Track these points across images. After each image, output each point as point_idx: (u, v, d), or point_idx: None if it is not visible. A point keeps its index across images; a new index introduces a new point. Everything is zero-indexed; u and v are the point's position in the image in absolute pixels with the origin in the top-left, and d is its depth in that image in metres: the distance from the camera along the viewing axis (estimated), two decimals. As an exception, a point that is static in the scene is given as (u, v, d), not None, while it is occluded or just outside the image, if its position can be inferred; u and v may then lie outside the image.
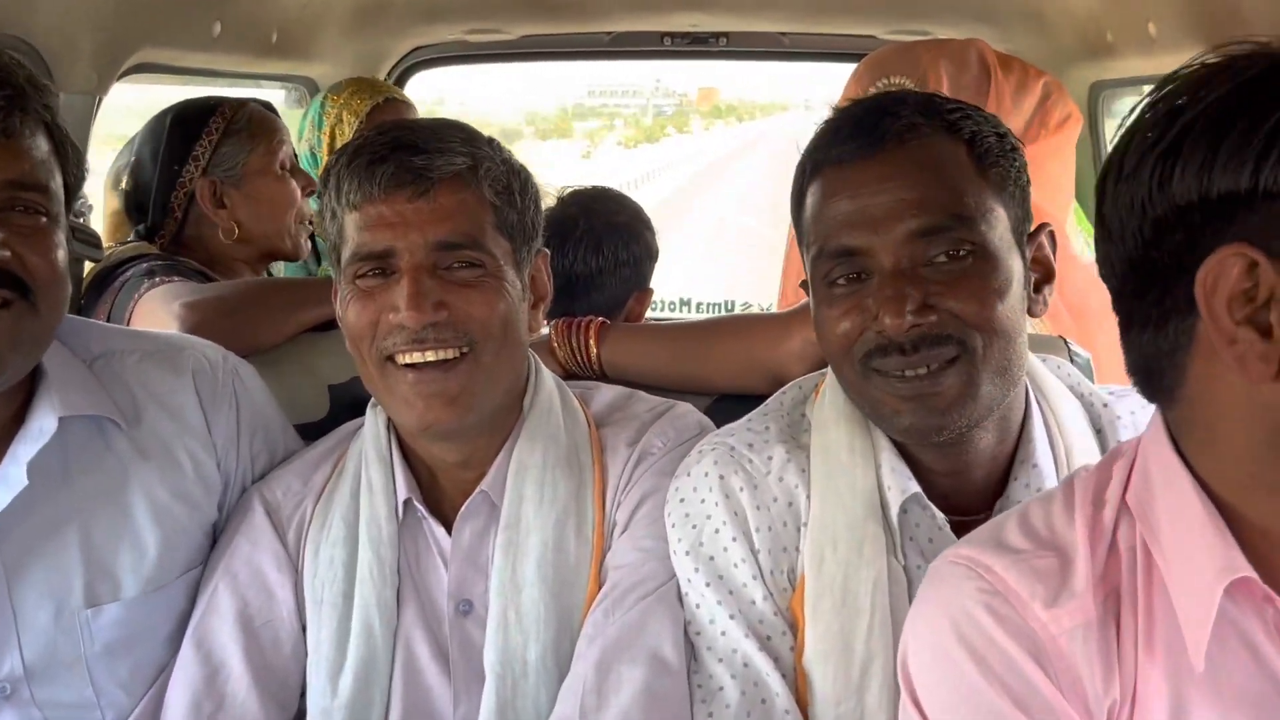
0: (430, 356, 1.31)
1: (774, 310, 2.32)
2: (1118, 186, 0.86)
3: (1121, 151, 0.87)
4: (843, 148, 1.22)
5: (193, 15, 2.20)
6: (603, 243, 2.16)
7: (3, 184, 1.20)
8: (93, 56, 1.93)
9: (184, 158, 2.07)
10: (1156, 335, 0.87)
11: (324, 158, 2.57)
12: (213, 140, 2.08)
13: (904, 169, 1.19)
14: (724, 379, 1.84)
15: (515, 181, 1.39)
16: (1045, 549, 0.95)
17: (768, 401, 1.46)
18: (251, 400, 1.53)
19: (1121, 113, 2.86)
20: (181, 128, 2.08)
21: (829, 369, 1.37)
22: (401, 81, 3.32)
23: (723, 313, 3.73)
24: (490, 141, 1.40)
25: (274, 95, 3.08)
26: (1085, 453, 1.29)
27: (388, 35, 3.12)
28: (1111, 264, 0.90)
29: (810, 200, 1.26)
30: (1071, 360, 1.67)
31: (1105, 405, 1.36)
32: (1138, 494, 0.94)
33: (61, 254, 1.27)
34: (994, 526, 1.01)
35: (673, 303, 3.88)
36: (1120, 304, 0.91)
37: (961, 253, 1.17)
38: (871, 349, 1.20)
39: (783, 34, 3.23)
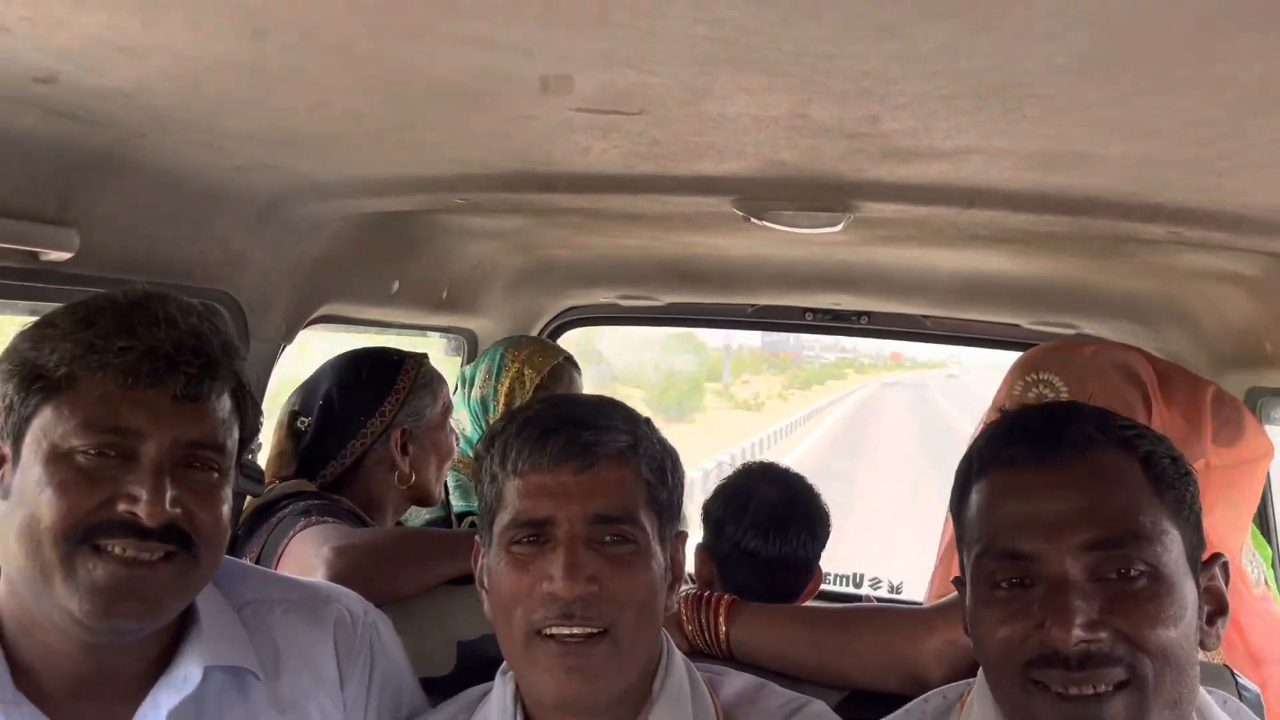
0: (577, 631, 1.31)
1: (920, 601, 2.23)
2: None
3: None
4: (1015, 449, 1.22)
5: (377, 274, 2.40)
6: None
7: (186, 444, 1.26)
8: (285, 309, 2.12)
9: (374, 408, 2.17)
10: None
11: (497, 408, 2.68)
12: (401, 395, 2.19)
13: (1079, 478, 1.17)
14: (858, 673, 1.77)
15: (668, 461, 1.43)
16: None
17: (908, 707, 1.40)
18: (386, 658, 1.54)
19: (1284, 420, 2.76)
20: (376, 379, 2.20)
21: (976, 679, 1.31)
22: (554, 336, 3.50)
23: (851, 587, 3.61)
24: (647, 421, 1.45)
25: (435, 343, 3.29)
26: None
27: (545, 295, 3.32)
28: None
29: (976, 498, 1.25)
30: (1240, 696, 1.55)
31: None
32: None
33: (226, 508, 1.33)
34: None
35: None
36: None
37: (1134, 573, 1.14)
38: (1033, 658, 1.15)
39: (925, 316, 3.29)
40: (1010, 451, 1.22)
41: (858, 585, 3.59)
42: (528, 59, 1.06)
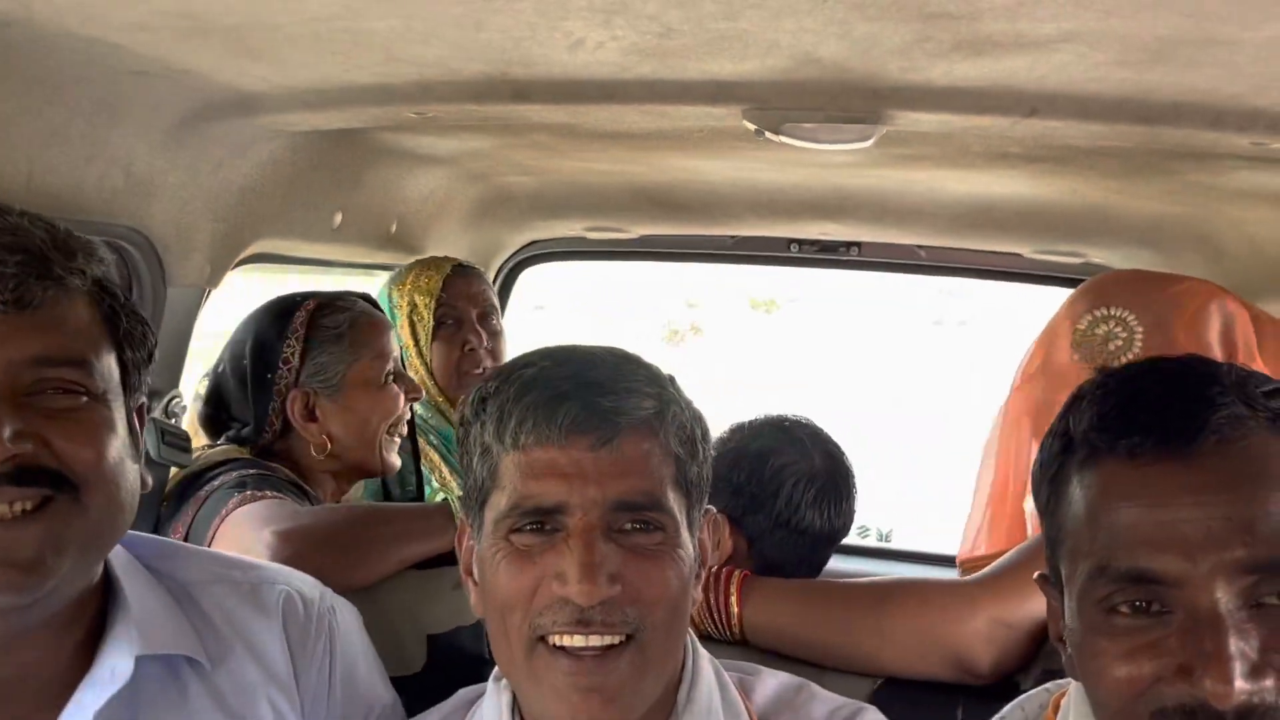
0: (594, 641, 1.08)
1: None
2: None
3: None
4: (1138, 438, 0.94)
5: (315, 206, 2.07)
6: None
7: (24, 362, 1.03)
8: (209, 248, 1.79)
9: (276, 362, 1.87)
10: None
11: (412, 357, 2.36)
12: (294, 346, 1.87)
13: (1225, 476, 0.91)
14: (892, 658, 1.60)
15: (698, 429, 1.19)
16: None
17: (1003, 713, 1.19)
18: (347, 648, 1.33)
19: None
20: (279, 327, 1.89)
21: (1068, 688, 1.10)
22: (514, 274, 3.22)
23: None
24: (672, 380, 1.21)
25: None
26: None
27: (506, 228, 3.02)
28: None
29: (1081, 494, 0.98)
30: None
31: None
32: None
33: (114, 440, 1.09)
34: None
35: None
36: None
37: None
38: (1170, 707, 0.90)
39: (919, 247, 3.05)
40: (1131, 441, 0.94)
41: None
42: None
